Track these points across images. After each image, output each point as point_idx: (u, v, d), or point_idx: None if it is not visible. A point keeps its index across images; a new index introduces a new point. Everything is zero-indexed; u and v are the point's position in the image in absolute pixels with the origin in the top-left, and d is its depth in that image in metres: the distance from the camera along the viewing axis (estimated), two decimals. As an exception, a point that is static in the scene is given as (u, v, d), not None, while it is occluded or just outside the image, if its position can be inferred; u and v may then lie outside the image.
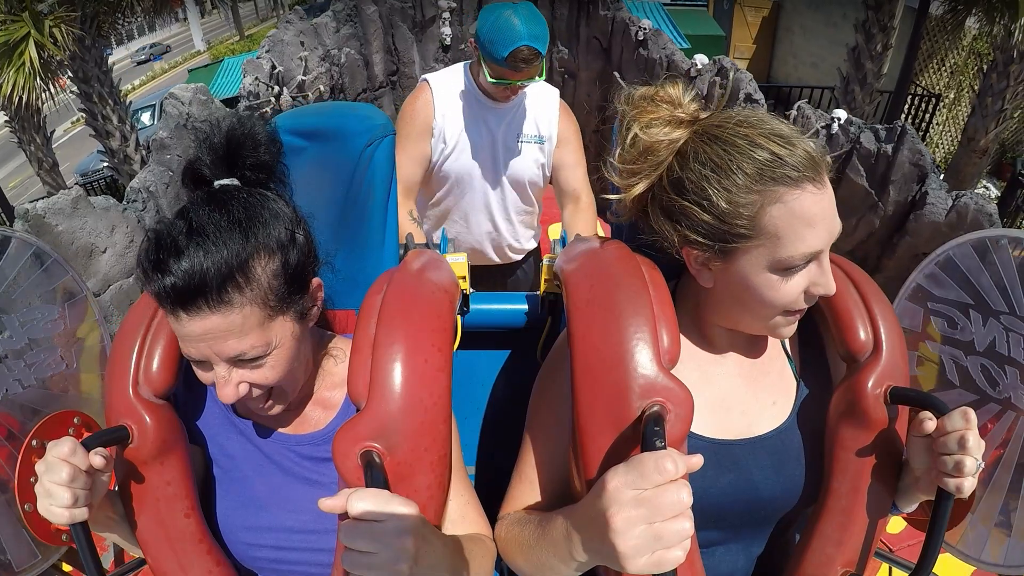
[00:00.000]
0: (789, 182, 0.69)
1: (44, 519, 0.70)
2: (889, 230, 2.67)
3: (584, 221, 1.81)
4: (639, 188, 0.78)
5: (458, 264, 1.26)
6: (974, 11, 6.54)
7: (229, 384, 0.74)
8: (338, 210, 1.03)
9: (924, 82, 9.27)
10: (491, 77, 1.59)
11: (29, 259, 0.93)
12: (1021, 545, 0.88)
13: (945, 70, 9.37)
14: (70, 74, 7.18)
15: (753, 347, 0.86)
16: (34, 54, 6.16)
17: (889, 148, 2.59)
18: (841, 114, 2.82)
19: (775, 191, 0.69)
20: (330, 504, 0.60)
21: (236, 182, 0.77)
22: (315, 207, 0.86)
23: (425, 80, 1.74)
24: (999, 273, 0.90)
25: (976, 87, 7.39)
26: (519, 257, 2.06)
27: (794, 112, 3.08)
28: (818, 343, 0.89)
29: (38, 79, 6.35)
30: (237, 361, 0.73)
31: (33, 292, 0.93)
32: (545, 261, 1.29)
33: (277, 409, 0.81)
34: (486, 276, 2.06)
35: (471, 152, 1.76)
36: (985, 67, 6.92)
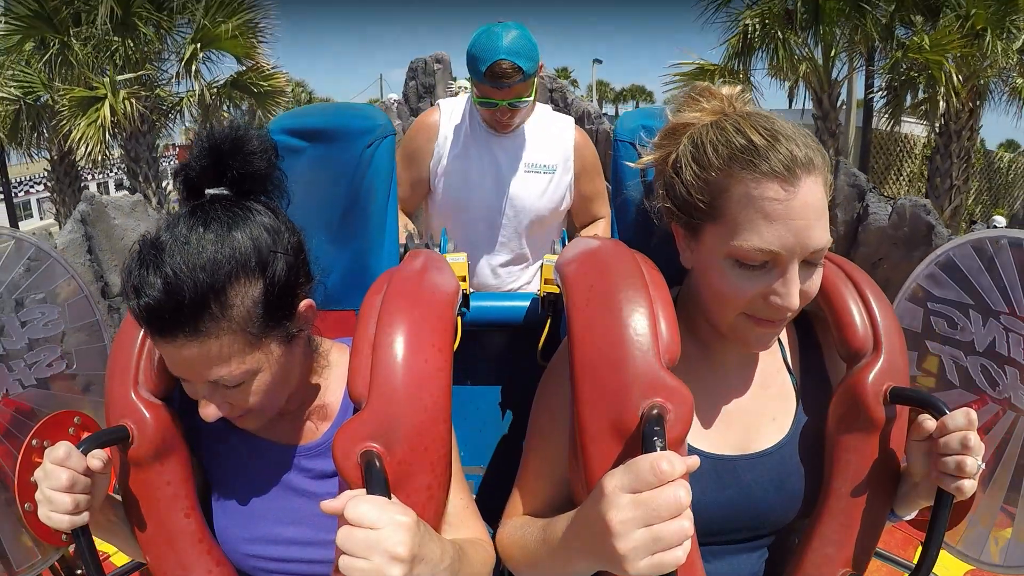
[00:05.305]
0: (755, 171, 0.69)
1: None
2: (844, 247, 3.24)
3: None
4: (650, 158, 0.83)
5: (458, 264, 1.26)
6: (904, 115, 7.85)
7: (210, 406, 0.74)
8: (338, 210, 1.02)
9: (887, 191, 10.78)
10: (476, 97, 1.52)
11: (29, 259, 0.93)
12: (1021, 545, 0.89)
13: (904, 179, 11.12)
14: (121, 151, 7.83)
15: (753, 360, 0.85)
16: (107, 113, 6.96)
17: (830, 179, 3.10)
18: None
19: (740, 176, 0.70)
20: (332, 507, 0.61)
21: (225, 191, 0.75)
22: (315, 208, 0.86)
23: (437, 104, 1.74)
24: (999, 273, 0.90)
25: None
26: (516, 285, 1.89)
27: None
28: (817, 355, 0.88)
29: (106, 135, 7.11)
30: (217, 385, 0.73)
31: (33, 292, 0.93)
32: (545, 261, 1.29)
33: (249, 423, 0.80)
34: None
35: (472, 181, 1.69)
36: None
